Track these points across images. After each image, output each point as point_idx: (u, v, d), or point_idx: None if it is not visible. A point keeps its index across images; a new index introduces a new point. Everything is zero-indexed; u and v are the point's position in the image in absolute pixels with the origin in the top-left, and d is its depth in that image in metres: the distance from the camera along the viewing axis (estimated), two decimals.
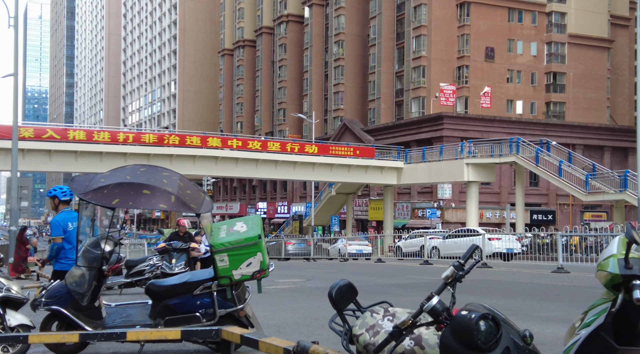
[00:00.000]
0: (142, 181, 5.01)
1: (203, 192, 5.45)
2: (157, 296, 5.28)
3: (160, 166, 5.57)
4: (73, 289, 5.22)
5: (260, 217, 5.63)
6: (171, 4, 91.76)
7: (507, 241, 22.13)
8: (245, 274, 5.13)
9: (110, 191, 4.91)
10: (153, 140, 35.12)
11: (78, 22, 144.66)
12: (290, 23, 67.34)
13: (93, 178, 5.23)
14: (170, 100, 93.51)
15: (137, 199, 4.94)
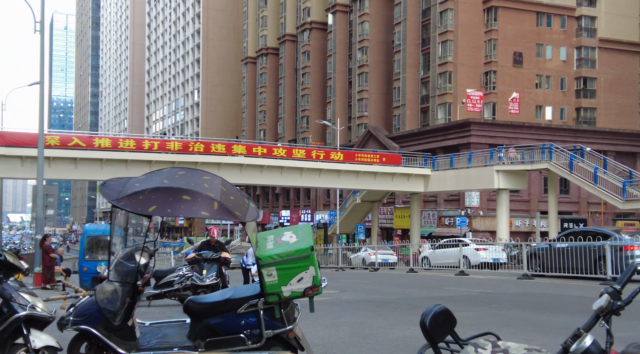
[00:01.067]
0: (181, 185, 4.48)
1: (247, 198, 4.90)
2: (197, 314, 4.72)
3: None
4: (104, 306, 4.69)
5: (310, 226, 5.06)
6: (194, 13, 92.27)
7: (494, 251, 23.10)
8: (296, 290, 4.56)
9: (147, 197, 4.38)
10: (178, 147, 34.89)
11: (103, 32, 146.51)
12: (313, 30, 67.08)
13: (127, 182, 4.71)
14: (194, 108, 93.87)
15: (176, 206, 4.39)
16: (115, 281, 4.81)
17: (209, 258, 9.91)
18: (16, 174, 32.10)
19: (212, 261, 9.92)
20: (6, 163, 30.82)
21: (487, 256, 22.77)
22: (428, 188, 39.41)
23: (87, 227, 14.51)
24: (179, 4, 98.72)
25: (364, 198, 45.49)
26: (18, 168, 31.26)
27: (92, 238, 14.25)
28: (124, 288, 4.76)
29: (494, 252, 22.99)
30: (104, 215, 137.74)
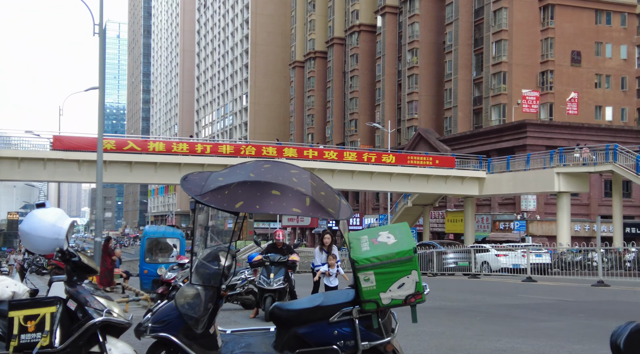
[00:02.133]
0: (268, 179, 4.06)
1: (338, 194, 4.44)
2: (284, 322, 4.28)
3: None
4: (185, 312, 4.30)
5: (407, 224, 4.56)
6: (243, 19, 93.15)
7: (514, 257, 23.96)
8: (396, 298, 4.07)
9: (233, 192, 3.98)
10: (230, 151, 34.94)
11: (154, 39, 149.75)
12: (362, 33, 66.61)
13: (209, 177, 4.34)
14: (242, 113, 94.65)
15: (264, 202, 3.98)
16: (197, 285, 4.41)
17: (276, 261, 9.54)
18: (73, 177, 32.73)
19: (279, 264, 9.54)
20: (64, 167, 31.47)
21: (507, 261, 23.61)
22: (483, 191, 38.29)
23: (147, 230, 14.40)
24: (227, 10, 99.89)
25: (415, 202, 44.63)
26: (75, 172, 31.86)
27: (152, 240, 14.13)
28: (207, 292, 4.35)
29: (514, 258, 23.81)
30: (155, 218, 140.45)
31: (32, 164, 30.71)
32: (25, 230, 4.73)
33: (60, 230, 4.67)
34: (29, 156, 30.54)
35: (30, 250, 4.89)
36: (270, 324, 4.74)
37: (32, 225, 4.69)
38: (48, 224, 4.65)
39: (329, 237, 10.05)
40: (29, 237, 4.71)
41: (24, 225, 4.74)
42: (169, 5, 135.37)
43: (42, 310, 4.33)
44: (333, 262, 9.90)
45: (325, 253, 9.97)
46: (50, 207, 4.82)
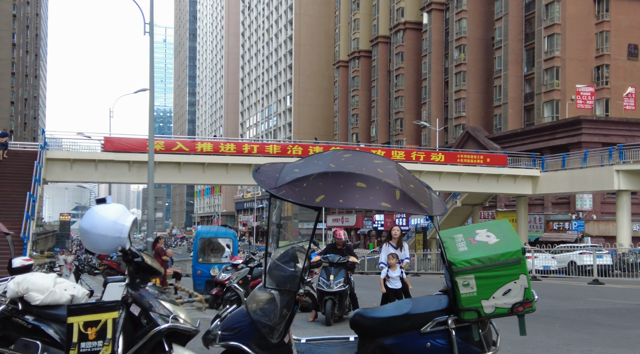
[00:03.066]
0: (351, 169, 3.58)
1: (427, 187, 3.93)
2: (368, 331, 3.80)
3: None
4: (258, 319, 3.85)
5: (508, 221, 4.03)
6: (287, 20, 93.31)
7: (544, 259, 24.63)
8: (501, 306, 3.55)
9: (312, 185, 3.52)
10: (277, 151, 34.74)
11: (199, 43, 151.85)
12: (407, 31, 65.66)
13: (283, 168, 3.90)
14: (286, 114, 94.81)
15: (348, 195, 3.49)
16: (272, 289, 3.95)
17: (336, 263, 9.08)
18: (124, 179, 33.07)
19: (339, 265, 9.08)
20: (114, 168, 31.82)
21: (537, 263, 23.74)
22: (537, 190, 36.99)
23: (199, 230, 14.18)
24: (271, 12, 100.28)
25: (464, 201, 43.54)
26: (125, 173, 32.18)
27: (204, 240, 13.90)
28: (282, 297, 3.88)
29: (543, 260, 24.55)
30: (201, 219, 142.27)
31: (84, 165, 31.15)
32: (85, 228, 4.39)
33: (123, 228, 4.33)
34: (80, 158, 31.00)
35: (90, 250, 4.56)
36: (341, 330, 4.25)
37: (92, 223, 4.34)
38: (109, 221, 4.30)
39: (398, 230, 9.25)
40: (89, 235, 4.37)
41: (84, 223, 4.40)
42: (214, 8, 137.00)
43: (104, 316, 3.99)
44: (393, 261, 9.08)
45: (393, 248, 9.14)
46: (111, 203, 4.47)
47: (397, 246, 9.08)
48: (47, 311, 4.25)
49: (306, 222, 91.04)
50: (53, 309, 4.26)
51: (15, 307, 4.27)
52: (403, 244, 9.13)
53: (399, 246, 9.03)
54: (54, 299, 4.25)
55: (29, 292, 4.21)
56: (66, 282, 4.45)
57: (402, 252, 8.98)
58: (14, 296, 4.26)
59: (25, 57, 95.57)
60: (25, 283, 4.24)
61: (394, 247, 9.06)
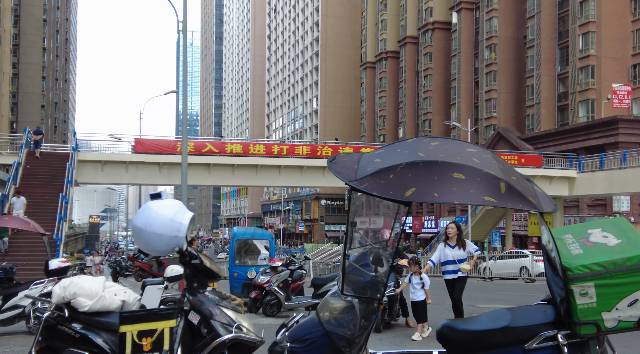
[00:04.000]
0: (443, 158, 3.09)
1: (528, 180, 3.41)
2: (460, 346, 3.29)
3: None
4: (333, 330, 3.35)
5: (625, 219, 3.51)
6: (313, 22, 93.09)
7: None
8: (626, 319, 3.01)
9: (400, 176, 3.02)
10: (306, 152, 34.35)
11: (226, 46, 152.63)
12: (436, 30, 64.85)
13: (360, 158, 3.39)
14: (312, 116, 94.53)
15: (445, 188, 2.97)
16: (350, 295, 3.44)
17: None
18: (154, 180, 33.01)
19: None
20: (145, 170, 31.78)
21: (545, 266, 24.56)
22: (574, 191, 35.96)
23: (235, 231, 13.78)
24: (297, 14, 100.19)
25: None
26: (156, 174, 32.12)
27: (241, 242, 13.53)
28: (362, 305, 3.38)
29: None
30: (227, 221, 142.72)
31: (115, 167, 31.16)
32: (139, 226, 3.95)
33: (180, 226, 3.89)
34: (111, 159, 31.00)
35: (144, 250, 4.13)
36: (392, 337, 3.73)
37: (146, 220, 3.90)
38: (165, 219, 3.86)
39: (453, 227, 8.59)
40: (143, 235, 3.92)
41: (138, 220, 3.96)
42: (240, 12, 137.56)
43: (160, 324, 3.57)
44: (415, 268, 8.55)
45: (450, 248, 8.45)
46: (166, 198, 4.05)
47: (455, 245, 8.47)
48: (96, 319, 3.81)
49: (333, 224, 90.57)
50: (103, 316, 3.83)
51: (62, 314, 3.85)
52: (465, 242, 8.55)
53: (459, 245, 8.46)
54: (103, 305, 3.83)
55: (76, 297, 3.80)
56: (116, 286, 4.03)
57: (462, 251, 8.48)
58: (60, 301, 3.85)
59: (55, 61, 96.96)
60: (72, 287, 3.82)
61: (451, 247, 8.43)
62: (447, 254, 8.46)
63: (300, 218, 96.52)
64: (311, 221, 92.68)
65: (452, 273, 8.40)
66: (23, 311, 8.62)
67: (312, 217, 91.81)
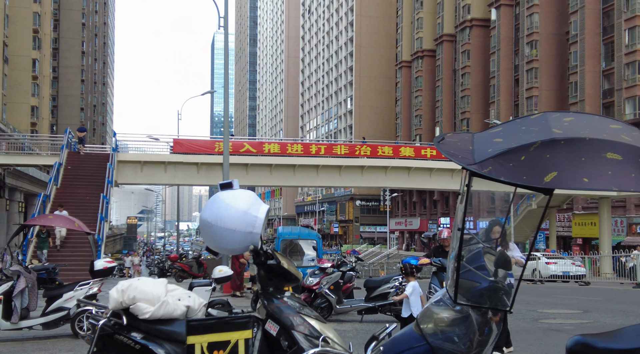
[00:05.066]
0: (587, 134, 2.51)
1: None
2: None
3: None
4: (440, 346, 2.79)
5: None
6: (348, 22, 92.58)
7: (563, 265, 26.07)
8: None
9: (535, 157, 2.43)
10: (345, 151, 33.87)
11: (260, 48, 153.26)
12: (474, 28, 63.60)
13: (474, 138, 2.83)
14: (346, 116, 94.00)
15: (597, 172, 2.39)
16: (465, 304, 2.87)
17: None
18: (192, 180, 32.98)
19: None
20: (183, 170, 31.73)
21: (556, 269, 25.61)
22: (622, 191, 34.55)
23: (281, 231, 13.33)
24: (332, 14, 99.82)
25: (540, 203, 41.38)
26: (194, 175, 32.05)
27: (286, 242, 13.09)
28: (478, 316, 2.82)
29: (563, 266, 25.92)
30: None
31: (153, 167, 31.18)
32: (208, 221, 3.43)
33: (255, 221, 3.36)
34: (150, 160, 31.02)
35: (213, 249, 3.59)
36: None
37: (217, 214, 3.37)
38: (239, 212, 3.35)
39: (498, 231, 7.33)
40: (213, 230, 3.40)
41: (207, 213, 3.45)
42: (274, 13, 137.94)
43: (234, 335, 3.08)
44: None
45: None
46: (238, 188, 3.54)
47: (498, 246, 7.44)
48: (158, 327, 3.30)
49: (368, 225, 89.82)
50: (165, 324, 3.32)
51: (119, 321, 3.38)
52: (509, 244, 7.49)
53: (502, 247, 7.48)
54: (167, 311, 3.34)
55: (136, 302, 3.34)
56: (179, 289, 3.55)
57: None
58: (118, 307, 3.38)
59: (93, 65, 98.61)
60: (131, 291, 3.34)
61: None
62: None
63: (334, 219, 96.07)
64: (346, 222, 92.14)
65: None
66: (68, 314, 8.31)
67: (347, 218, 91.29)
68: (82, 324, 8.25)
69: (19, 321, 8.03)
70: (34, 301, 8.27)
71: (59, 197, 22.78)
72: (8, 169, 32.15)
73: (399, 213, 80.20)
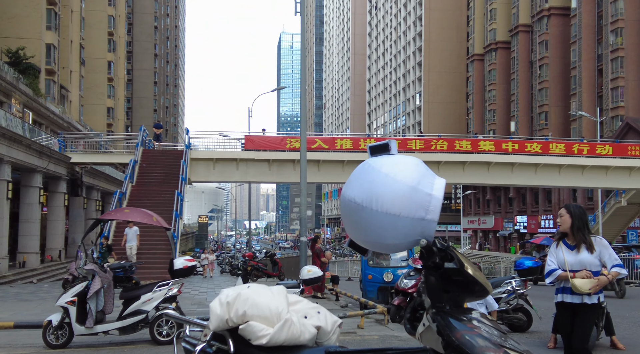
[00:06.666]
0: None
1: None
2: None
3: None
4: None
5: None
6: (416, 17, 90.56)
7: None
8: None
9: None
10: (419, 147, 32.47)
11: (326, 46, 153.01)
12: (552, 17, 60.42)
13: None
14: (415, 113, 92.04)
15: None
16: None
17: None
18: (264, 178, 32.42)
19: None
20: (255, 167, 31.24)
21: None
22: None
23: None
24: (399, 9, 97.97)
25: (631, 200, 38.64)
26: (266, 172, 31.50)
27: None
28: None
29: None
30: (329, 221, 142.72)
31: (225, 165, 30.85)
32: (355, 201, 2.16)
33: (430, 201, 2.15)
34: (223, 157, 30.69)
35: (362, 244, 2.40)
36: None
37: (371, 190, 2.25)
38: (405, 187, 2.13)
39: (563, 213, 5.00)
40: (363, 216, 2.25)
41: (354, 190, 2.19)
42: (340, 11, 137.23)
43: None
44: None
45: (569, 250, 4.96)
46: (396, 153, 2.40)
47: (575, 245, 4.94)
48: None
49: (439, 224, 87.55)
50: (289, 352, 2.43)
51: (224, 347, 2.26)
52: (595, 241, 4.91)
53: (586, 247, 4.89)
54: (291, 335, 2.18)
55: (248, 320, 2.29)
56: (303, 302, 2.42)
57: (590, 255, 4.86)
58: (222, 327, 2.32)
59: (165, 67, 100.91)
60: (240, 305, 2.24)
61: (569, 248, 4.96)
62: (560, 260, 5.01)
63: None
64: None
65: (570, 292, 4.94)
66: (146, 317, 7.57)
67: None
68: (161, 329, 7.50)
69: (94, 326, 7.33)
70: (110, 303, 7.57)
71: (134, 194, 22.65)
72: (85, 168, 32.66)
73: (471, 211, 77.56)
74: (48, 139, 28.93)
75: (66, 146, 30.61)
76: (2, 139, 21.48)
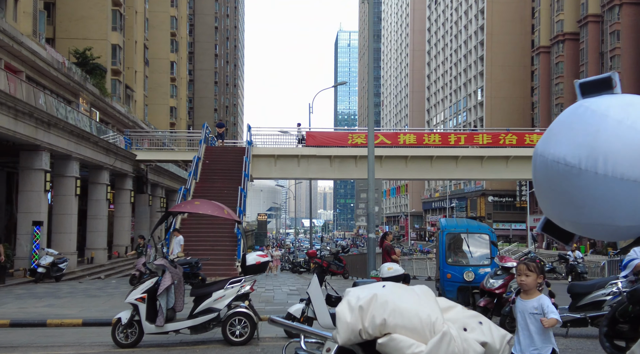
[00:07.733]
0: None
1: None
2: None
3: None
4: None
5: None
6: (478, 10, 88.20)
7: None
8: None
9: None
10: (487, 141, 31.27)
11: (384, 43, 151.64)
12: (624, 5, 57.39)
13: None
14: (477, 108, 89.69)
15: None
16: None
17: None
18: (325, 174, 31.99)
19: None
20: (316, 164, 30.84)
21: None
22: None
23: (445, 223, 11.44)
24: (460, 3, 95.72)
25: None
26: (327, 168, 31.07)
27: (452, 236, 11.23)
28: None
29: None
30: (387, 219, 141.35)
31: (287, 161, 30.60)
32: (566, 160, 1.54)
33: None
34: (284, 153, 30.46)
35: (569, 225, 1.70)
36: None
37: (593, 145, 1.54)
38: None
39: None
40: (580, 183, 1.47)
41: (559, 147, 1.57)
42: (398, 7, 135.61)
43: None
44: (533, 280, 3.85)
45: None
46: (619, 91, 1.70)
47: None
48: None
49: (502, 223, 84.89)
50: None
51: None
52: None
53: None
54: (451, 353, 1.71)
55: (390, 331, 1.65)
56: (457, 308, 1.79)
57: None
58: (354, 339, 1.65)
59: (225, 67, 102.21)
60: (379, 311, 1.57)
61: None
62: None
63: (465, 216, 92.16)
64: (477, 219, 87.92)
65: None
66: (218, 316, 7.13)
67: (478, 215, 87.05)
68: (234, 328, 7.05)
69: (165, 324, 6.94)
70: (180, 300, 7.18)
71: (198, 191, 22.60)
72: (150, 166, 33.13)
73: (537, 209, 74.80)
74: (114, 137, 29.41)
75: (132, 143, 31.08)
76: (71, 137, 21.83)
